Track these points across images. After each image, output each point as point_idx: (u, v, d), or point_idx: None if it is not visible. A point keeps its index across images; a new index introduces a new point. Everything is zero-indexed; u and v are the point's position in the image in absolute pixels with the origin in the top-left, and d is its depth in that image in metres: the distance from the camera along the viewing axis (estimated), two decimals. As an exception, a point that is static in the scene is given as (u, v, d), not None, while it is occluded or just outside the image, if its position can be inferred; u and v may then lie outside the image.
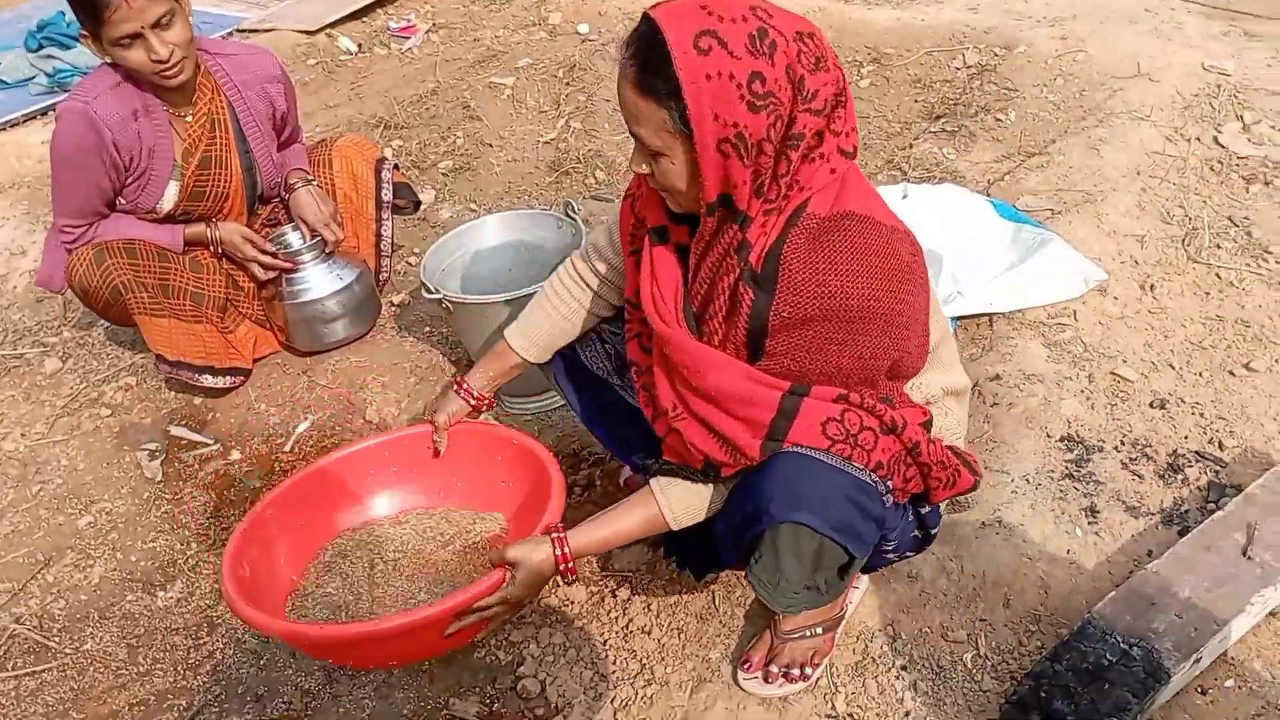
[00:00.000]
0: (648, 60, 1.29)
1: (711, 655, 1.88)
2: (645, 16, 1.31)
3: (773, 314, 1.41)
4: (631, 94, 1.33)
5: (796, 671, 1.78)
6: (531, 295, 2.24)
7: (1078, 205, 2.83)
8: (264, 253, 2.58)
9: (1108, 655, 1.66)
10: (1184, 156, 2.98)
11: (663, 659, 1.89)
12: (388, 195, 2.77)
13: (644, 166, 1.41)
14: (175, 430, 2.67)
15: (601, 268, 1.81)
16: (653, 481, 1.59)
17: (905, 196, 2.82)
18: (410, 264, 3.17)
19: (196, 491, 2.49)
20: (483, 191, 3.58)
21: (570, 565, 1.59)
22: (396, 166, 2.82)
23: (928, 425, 1.55)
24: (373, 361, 2.74)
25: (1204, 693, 1.68)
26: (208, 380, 2.58)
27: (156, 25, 2.19)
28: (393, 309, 2.95)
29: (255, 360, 2.76)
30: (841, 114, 1.35)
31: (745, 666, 1.81)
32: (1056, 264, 2.49)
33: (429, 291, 2.32)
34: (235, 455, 2.58)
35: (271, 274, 2.62)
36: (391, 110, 4.16)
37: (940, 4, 4.23)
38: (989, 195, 2.94)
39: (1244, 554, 1.76)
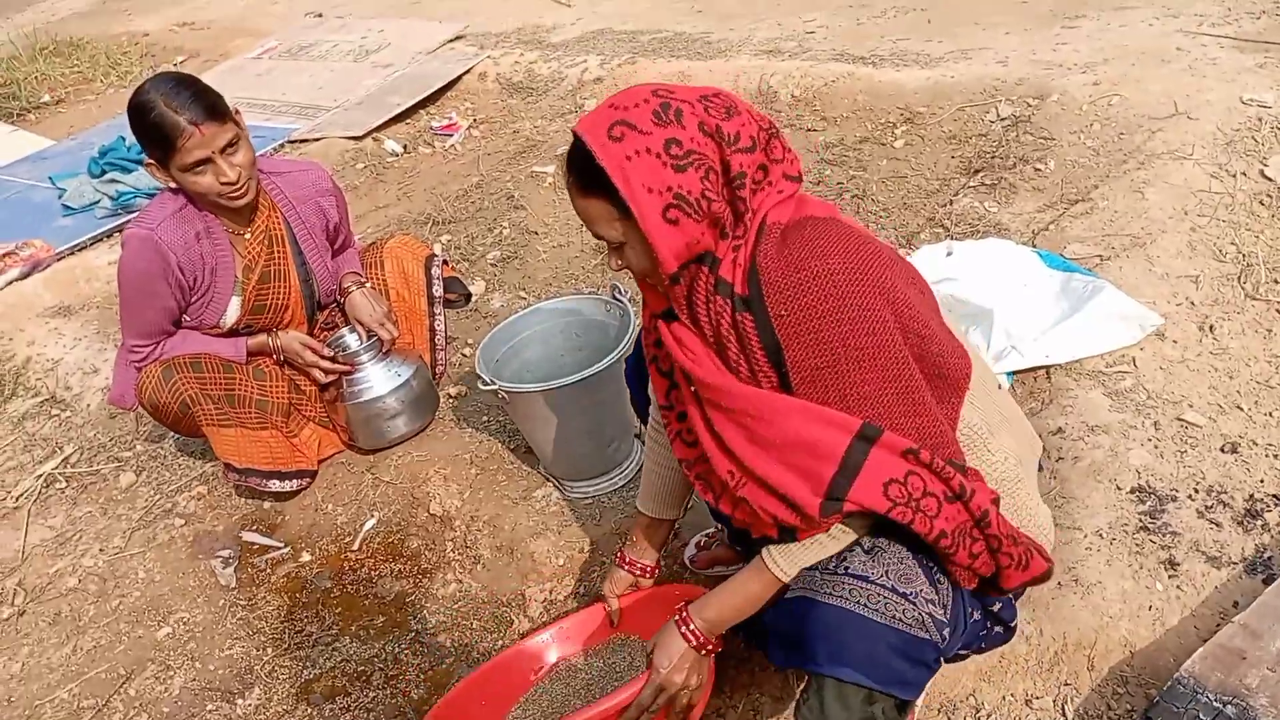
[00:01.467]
0: (580, 166, 1.41)
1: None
2: (573, 134, 1.42)
3: (775, 323, 1.43)
4: (578, 200, 1.46)
5: None
6: (586, 379, 2.30)
7: (1126, 250, 2.80)
8: (323, 357, 2.65)
9: (1200, 715, 1.60)
10: (1231, 192, 2.94)
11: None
12: (439, 290, 2.84)
13: (616, 262, 1.52)
14: (247, 536, 2.72)
15: None
16: (763, 550, 1.57)
17: (950, 254, 2.82)
18: (465, 355, 3.23)
19: (270, 596, 2.53)
20: (531, 279, 3.65)
21: (703, 638, 1.58)
22: (446, 262, 2.90)
23: (996, 503, 1.51)
24: (433, 455, 2.79)
25: (1306, 750, 1.61)
26: (275, 485, 2.64)
27: (224, 150, 2.30)
28: (450, 401, 3.00)
29: (320, 461, 2.81)
30: (777, 144, 1.46)
31: None
32: (1110, 311, 2.47)
33: (484, 383, 2.36)
34: (306, 557, 2.63)
35: (332, 376, 2.69)
36: (439, 206, 4.28)
37: (969, 59, 4.26)
38: (1035, 246, 2.93)
39: (1335, 600, 1.70)
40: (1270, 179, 2.97)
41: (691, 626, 1.58)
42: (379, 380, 2.72)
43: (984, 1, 4.99)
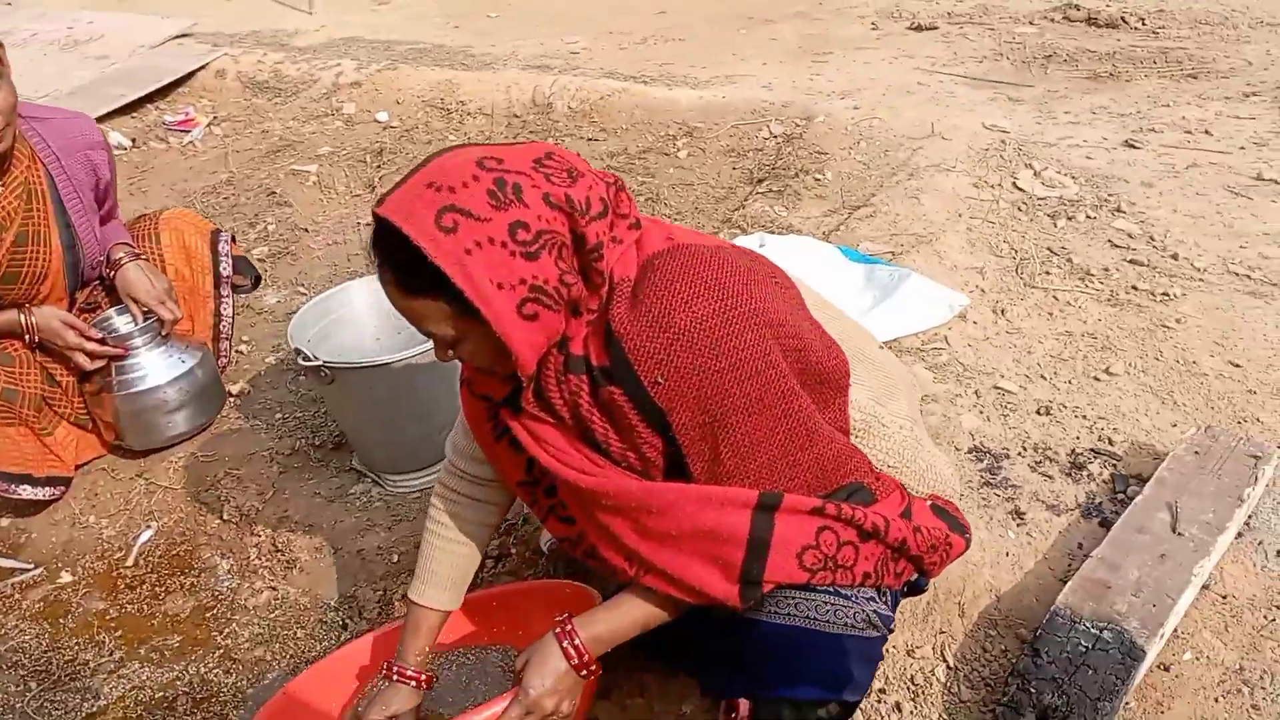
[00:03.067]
0: (399, 262, 1.19)
1: (685, 710, 1.75)
2: (376, 217, 1.20)
3: (652, 391, 1.26)
4: (401, 300, 1.23)
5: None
6: (420, 357, 2.11)
7: (915, 246, 3.00)
8: (89, 339, 2.26)
9: (1082, 642, 1.68)
10: (994, 200, 3.24)
11: (631, 722, 1.74)
12: (227, 270, 2.52)
13: (449, 354, 1.31)
14: (-20, 559, 2.25)
15: (476, 470, 1.62)
16: None
17: (762, 245, 2.89)
18: (242, 352, 2.89)
19: (23, 624, 2.11)
20: (308, 275, 3.35)
21: (587, 657, 1.37)
22: (233, 239, 2.57)
23: (906, 513, 1.44)
24: (221, 454, 2.45)
25: (1167, 669, 1.73)
26: (26, 492, 2.21)
27: None
28: (233, 400, 2.66)
29: (77, 467, 2.39)
30: (623, 198, 1.30)
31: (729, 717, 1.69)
32: (920, 294, 2.61)
33: (305, 359, 2.10)
34: (66, 578, 2.21)
35: (99, 363, 2.30)
36: (186, 200, 3.85)
37: (734, 84, 4.46)
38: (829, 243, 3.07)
39: (1174, 530, 1.85)
40: (1022, 190, 3.30)
41: (576, 642, 1.36)
42: (156, 368, 2.36)
43: (737, 36, 5.27)
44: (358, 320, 2.40)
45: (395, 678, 1.59)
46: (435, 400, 2.27)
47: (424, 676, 1.61)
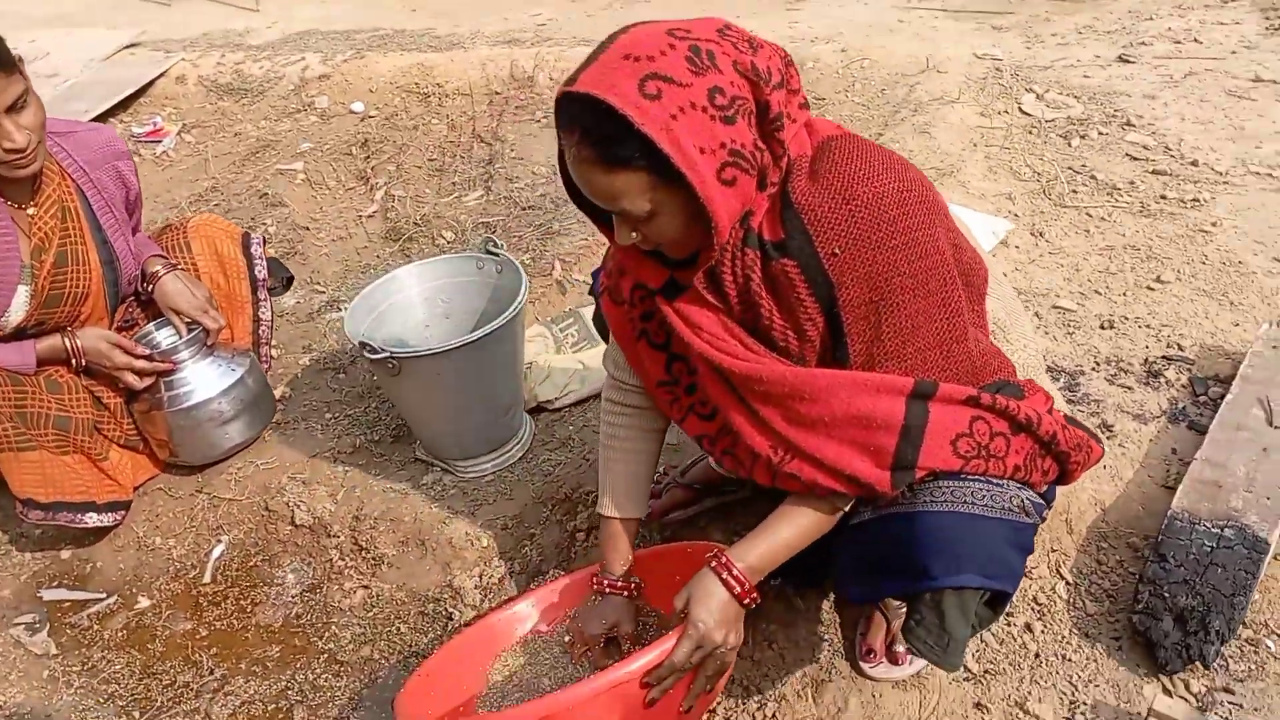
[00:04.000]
0: (602, 135, 1.18)
1: (820, 656, 1.74)
2: (568, 97, 1.19)
3: (827, 263, 1.28)
4: (600, 176, 1.21)
5: (922, 644, 1.68)
6: (483, 339, 2.06)
7: (938, 179, 2.99)
8: (137, 356, 2.18)
9: (1205, 542, 1.70)
10: (1005, 127, 3.24)
11: (766, 674, 1.73)
12: (262, 273, 2.45)
13: (634, 236, 1.29)
14: (48, 595, 2.18)
15: (635, 379, 1.63)
16: None
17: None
18: (274, 356, 2.81)
19: (109, 655, 2.04)
20: (320, 273, 3.27)
21: (748, 585, 1.37)
22: (264, 241, 2.49)
23: (1052, 409, 1.46)
24: (280, 460, 2.38)
25: (1277, 558, 1.75)
26: (92, 519, 2.14)
27: (12, 109, 1.82)
28: (278, 404, 2.59)
29: (134, 489, 2.31)
30: (793, 72, 1.30)
31: (869, 656, 1.69)
32: (963, 224, 2.60)
33: (373, 352, 2.04)
34: (144, 602, 2.15)
35: (148, 380, 2.22)
36: (178, 210, 3.73)
37: (714, 38, 4.41)
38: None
39: (1270, 424, 1.88)
40: (1028, 114, 3.31)
41: (735, 572, 1.36)
42: (207, 380, 2.28)
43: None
44: (408, 309, 2.34)
45: (607, 590, 1.62)
46: (502, 382, 2.22)
47: (633, 585, 1.64)
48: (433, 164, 3.89)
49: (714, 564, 1.39)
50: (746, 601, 1.38)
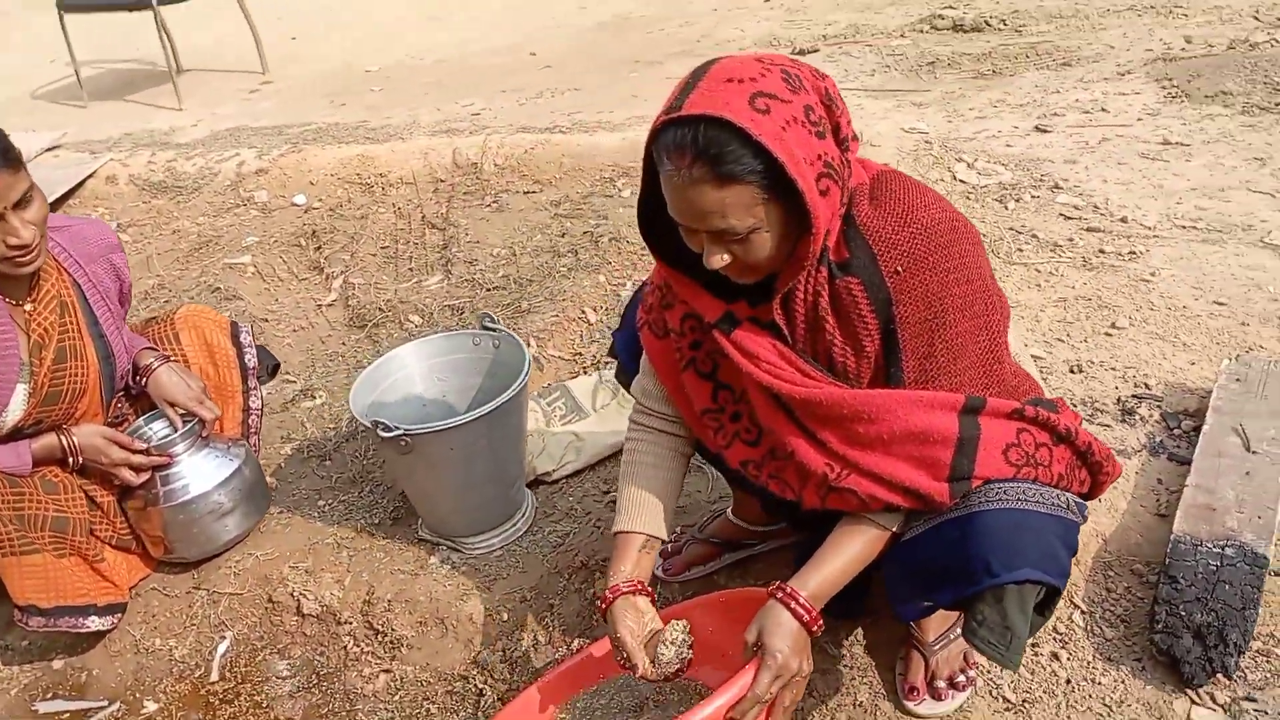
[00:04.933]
0: (713, 153, 1.26)
1: (861, 699, 1.78)
2: (675, 122, 1.28)
3: (890, 281, 1.38)
4: (711, 192, 1.29)
5: (961, 678, 1.75)
6: (496, 410, 2.09)
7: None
8: (134, 451, 2.13)
9: (1210, 561, 1.81)
10: (945, 194, 3.43)
11: (808, 714, 1.76)
12: (252, 361, 2.43)
13: (726, 257, 1.37)
14: (44, 708, 2.08)
15: (665, 408, 1.72)
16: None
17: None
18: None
19: (120, 762, 1.95)
20: (288, 362, 3.23)
21: (815, 613, 1.44)
22: (252, 329, 2.48)
23: (1081, 424, 1.58)
24: (280, 550, 2.34)
25: (1275, 574, 1.88)
26: (94, 623, 2.07)
27: (18, 205, 1.81)
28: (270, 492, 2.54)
29: (130, 590, 2.24)
30: (841, 102, 1.40)
31: (912, 694, 1.74)
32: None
33: (386, 430, 2.04)
34: (151, 706, 2.07)
35: (144, 476, 2.17)
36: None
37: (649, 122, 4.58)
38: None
39: (1248, 450, 2.02)
40: (963, 181, 3.53)
41: (801, 601, 1.43)
42: (204, 472, 2.24)
43: (630, 81, 5.41)
44: (408, 387, 2.35)
45: (624, 588, 1.61)
46: (510, 455, 2.24)
47: (644, 584, 1.63)
48: (386, 251, 3.91)
49: (780, 595, 1.45)
50: (815, 629, 1.45)
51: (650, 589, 1.65)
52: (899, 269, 1.38)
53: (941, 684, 1.73)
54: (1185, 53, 4.45)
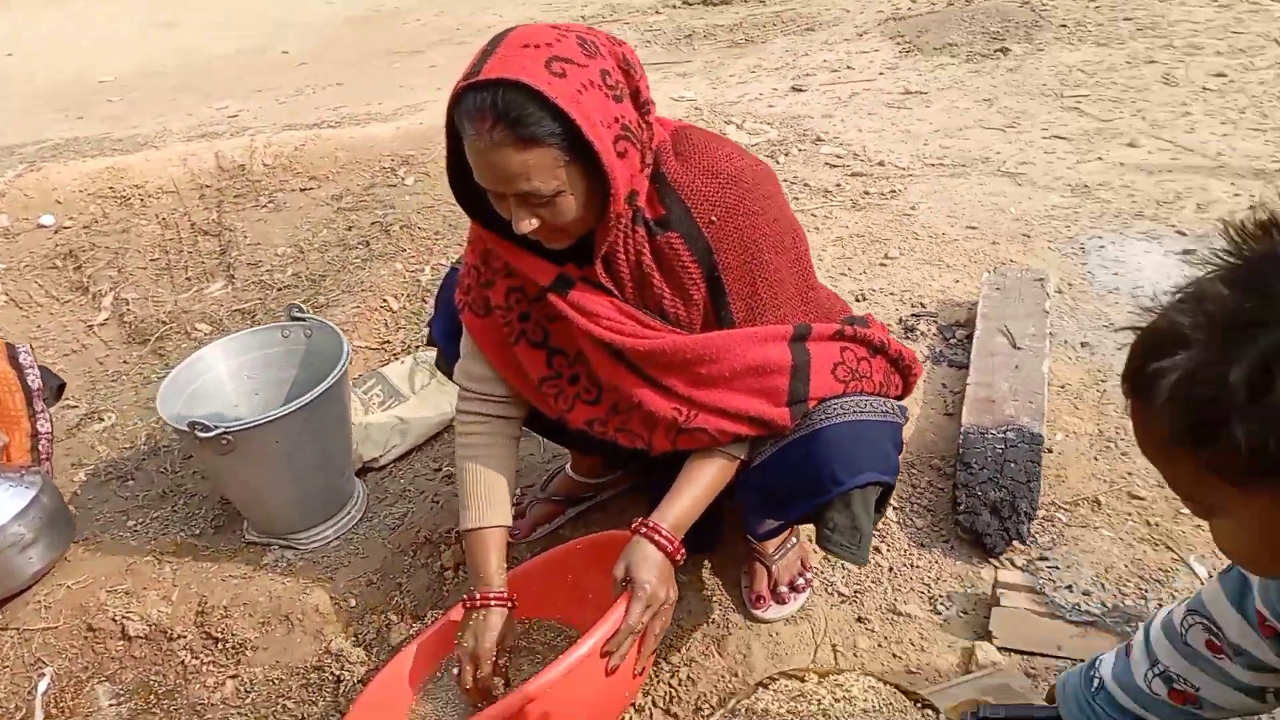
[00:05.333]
0: (513, 116, 1.28)
1: (714, 616, 1.89)
2: (473, 87, 1.29)
3: (707, 231, 1.46)
4: (513, 155, 1.30)
5: (801, 581, 1.88)
6: (321, 397, 2.05)
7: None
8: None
9: (996, 445, 2.04)
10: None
11: (669, 644, 1.85)
12: (35, 382, 2.27)
13: (534, 221, 1.38)
14: None
15: (492, 389, 1.70)
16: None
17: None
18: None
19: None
20: (68, 385, 3.01)
21: (676, 543, 1.51)
22: (31, 348, 2.30)
23: (886, 331, 1.72)
24: (93, 575, 2.20)
25: (1051, 450, 2.13)
26: (-111, 680, 1.86)
27: None
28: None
29: (-78, 643, 2.04)
30: (640, 68, 1.43)
31: (759, 602, 1.86)
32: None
33: (204, 431, 1.96)
34: (-31, 759, 1.90)
35: (-73, 515, 1.98)
36: None
37: (425, 110, 4.55)
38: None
39: (1014, 346, 2.27)
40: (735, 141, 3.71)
41: (663, 533, 1.50)
42: (-3, 504, 2.08)
43: (393, 72, 5.34)
44: (217, 388, 2.26)
45: (493, 602, 1.61)
46: (336, 443, 2.21)
47: (512, 596, 1.64)
48: (157, 263, 3.70)
49: (643, 530, 1.51)
50: (678, 558, 1.52)
51: (514, 601, 1.65)
52: (713, 219, 1.45)
53: (784, 589, 1.86)
54: (911, 11, 4.86)
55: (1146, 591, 1.80)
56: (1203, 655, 1.04)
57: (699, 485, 1.56)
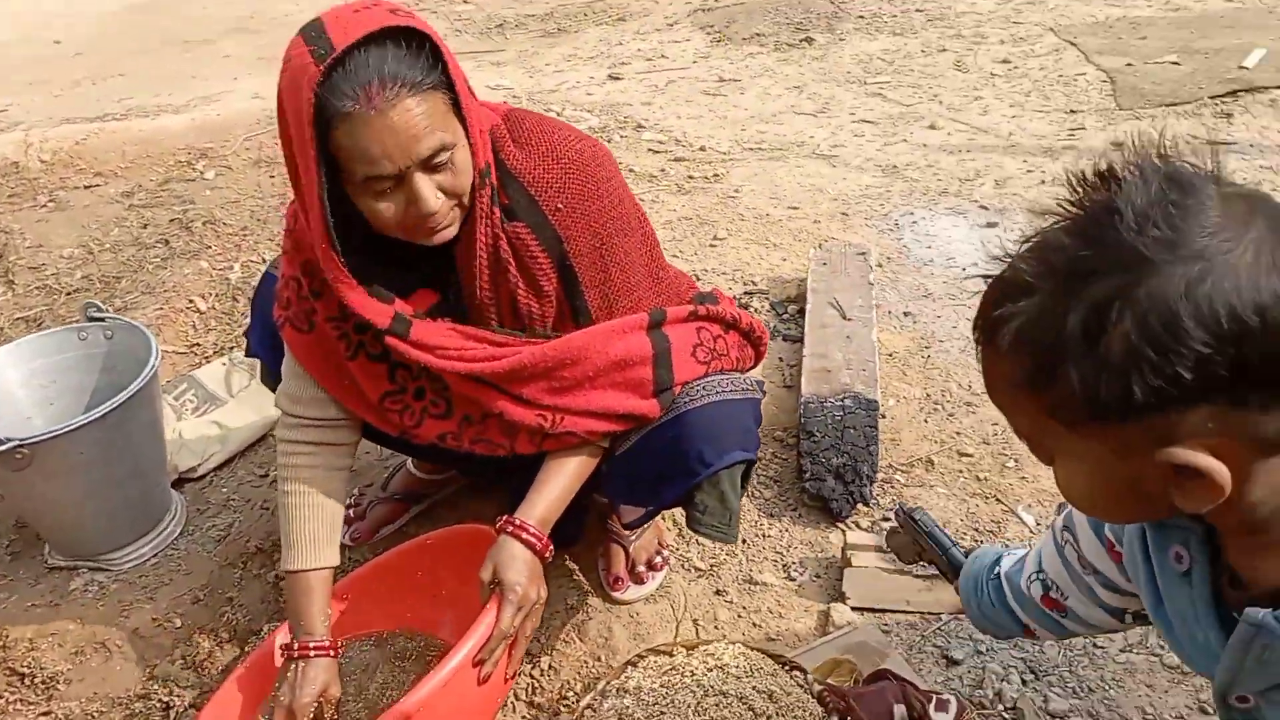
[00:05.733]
0: (397, 71, 1.21)
1: (572, 601, 1.85)
2: (334, 66, 1.20)
3: (554, 219, 1.42)
4: (414, 108, 1.22)
5: (658, 559, 1.87)
6: (129, 401, 1.89)
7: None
8: None
9: (835, 413, 2.09)
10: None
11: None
12: None
13: (441, 195, 1.30)
14: None
15: (320, 411, 1.57)
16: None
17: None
18: None
19: None
20: None
21: (545, 539, 1.45)
22: None
23: (734, 303, 1.71)
24: None
25: (884, 415, 2.20)
26: None
27: None
28: None
29: None
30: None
31: (617, 584, 1.83)
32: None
33: (-3, 445, 1.76)
34: None
35: None
36: None
37: (221, 101, 4.29)
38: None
39: (845, 318, 2.34)
40: (556, 130, 3.68)
41: (530, 531, 1.44)
42: None
43: (182, 61, 5.02)
44: (7, 400, 2.04)
45: (313, 653, 1.50)
46: (149, 451, 2.03)
47: (336, 642, 1.53)
48: (-80, 275, 3.32)
49: (509, 529, 1.44)
50: (546, 555, 1.46)
51: (338, 649, 1.54)
52: (559, 205, 1.41)
53: (642, 568, 1.85)
54: (718, 3, 4.96)
55: (982, 542, 1.89)
56: (1074, 568, 1.10)
57: (564, 478, 1.51)
